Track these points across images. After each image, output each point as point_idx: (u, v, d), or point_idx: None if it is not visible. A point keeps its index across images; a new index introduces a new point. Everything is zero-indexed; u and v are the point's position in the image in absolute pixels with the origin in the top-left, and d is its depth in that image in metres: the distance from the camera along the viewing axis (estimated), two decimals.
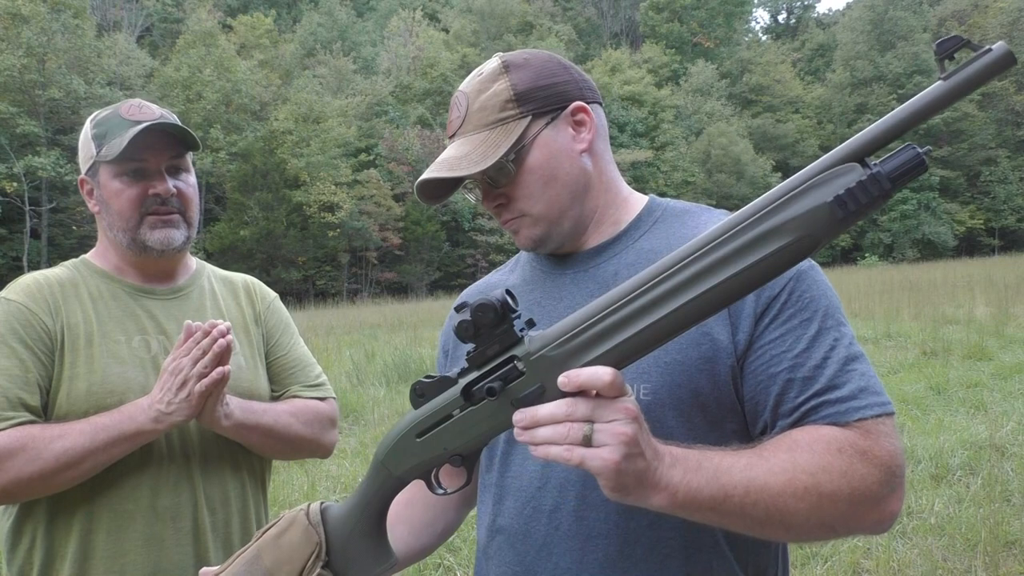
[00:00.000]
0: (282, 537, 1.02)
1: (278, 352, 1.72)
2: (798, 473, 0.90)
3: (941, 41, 0.75)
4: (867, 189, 0.77)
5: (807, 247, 0.79)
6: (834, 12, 78.27)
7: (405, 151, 40.06)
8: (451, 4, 60.43)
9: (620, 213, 1.18)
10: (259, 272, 33.99)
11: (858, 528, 0.95)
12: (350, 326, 18.27)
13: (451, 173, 1.07)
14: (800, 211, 0.79)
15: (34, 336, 1.44)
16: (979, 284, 17.71)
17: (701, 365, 1.02)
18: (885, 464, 0.93)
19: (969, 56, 0.75)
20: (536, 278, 1.22)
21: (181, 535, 1.48)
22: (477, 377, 0.90)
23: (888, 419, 0.97)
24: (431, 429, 0.94)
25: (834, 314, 1.02)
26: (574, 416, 0.82)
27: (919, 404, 6.93)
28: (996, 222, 49.20)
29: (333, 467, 5.71)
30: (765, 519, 0.90)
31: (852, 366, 0.98)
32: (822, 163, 0.80)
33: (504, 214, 1.14)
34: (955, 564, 3.70)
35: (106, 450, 1.38)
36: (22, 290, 1.49)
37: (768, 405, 1.00)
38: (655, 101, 50.58)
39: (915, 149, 0.77)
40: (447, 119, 1.17)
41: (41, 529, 1.45)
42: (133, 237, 1.53)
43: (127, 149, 1.47)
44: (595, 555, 1.04)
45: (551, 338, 0.87)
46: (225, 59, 38.51)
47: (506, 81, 1.10)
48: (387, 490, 1.00)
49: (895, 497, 0.94)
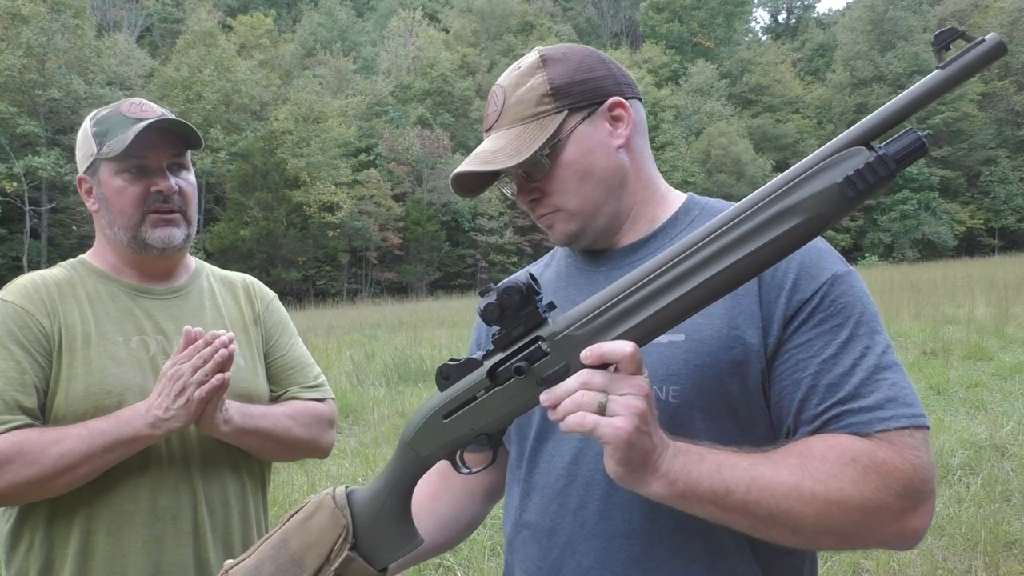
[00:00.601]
0: (309, 521, 1.03)
1: (277, 352, 1.71)
2: (805, 478, 0.89)
3: (938, 33, 0.79)
4: (875, 170, 0.81)
5: (818, 226, 0.83)
6: (834, 12, 78.30)
7: (405, 151, 40.07)
8: (451, 4, 60.45)
9: (657, 210, 1.16)
10: (259, 272, 34.00)
11: (874, 540, 0.92)
12: (350, 326, 18.25)
13: (485, 167, 1.08)
14: (812, 191, 0.82)
15: (31, 337, 1.44)
16: (979, 284, 17.70)
17: (732, 369, 1.00)
18: (906, 477, 0.89)
19: (964, 46, 0.79)
20: (571, 274, 1.22)
21: (181, 536, 1.48)
22: (503, 358, 0.92)
23: (918, 432, 0.92)
24: (458, 410, 0.96)
25: (868, 322, 0.98)
26: (590, 385, 0.85)
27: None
28: (996, 222, 49.19)
29: (333, 467, 5.70)
30: (769, 519, 0.89)
31: (883, 375, 0.95)
32: (831, 147, 0.84)
33: (539, 208, 1.14)
34: (955, 564, 3.70)
35: (103, 455, 1.37)
36: (19, 291, 1.48)
37: (791, 411, 0.98)
38: (655, 101, 50.58)
39: (916, 133, 0.81)
40: (484, 113, 1.18)
41: (40, 531, 1.44)
42: (134, 235, 1.52)
43: (131, 146, 1.46)
44: (619, 555, 1.03)
45: (575, 318, 0.89)
46: (225, 59, 38.53)
47: (543, 75, 1.10)
48: (413, 471, 1.01)
49: (919, 513, 0.90)
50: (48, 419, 1.43)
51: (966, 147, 49.23)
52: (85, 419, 1.41)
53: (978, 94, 49.52)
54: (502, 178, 1.17)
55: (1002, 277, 18.49)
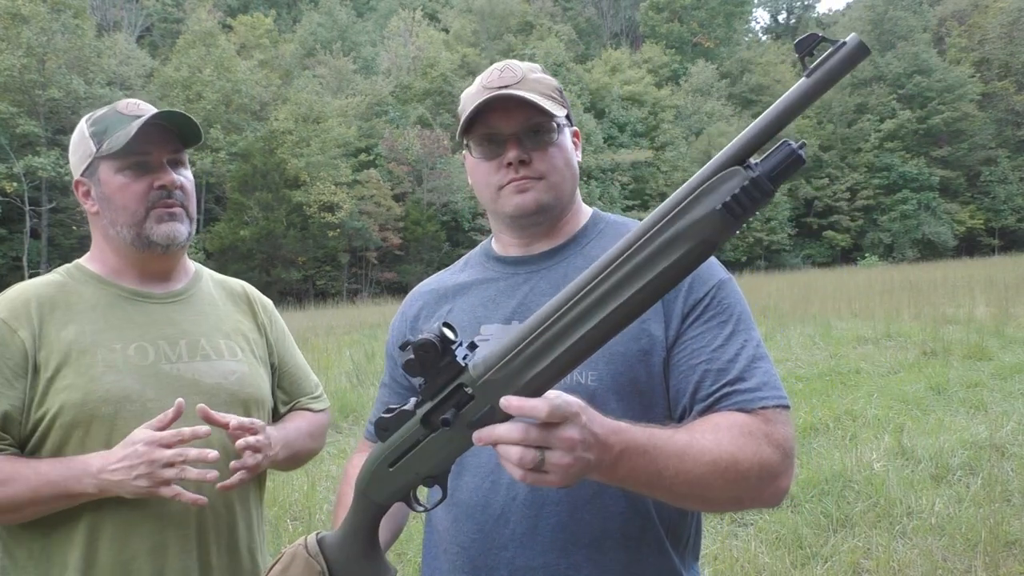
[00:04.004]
0: (287, 571, 1.13)
1: (285, 361, 1.75)
2: (721, 453, 1.04)
3: (799, 40, 0.80)
4: (750, 193, 0.82)
5: (707, 250, 0.86)
6: (834, 12, 78.24)
7: (405, 151, 40.03)
8: (451, 4, 60.38)
9: (573, 222, 1.35)
10: (259, 272, 34.00)
11: (759, 500, 1.10)
12: (350, 326, 18.25)
13: (537, 100, 1.21)
14: (696, 218, 0.85)
15: (6, 355, 1.40)
16: (979, 284, 17.70)
17: (640, 356, 1.19)
18: (783, 446, 1.09)
19: (827, 51, 0.79)
20: (489, 277, 1.35)
21: (186, 541, 1.46)
22: (432, 407, 0.97)
23: (784, 411, 1.14)
24: (400, 458, 1.02)
25: (746, 320, 1.20)
26: (527, 441, 0.90)
27: (919, 404, 6.93)
28: (996, 222, 49.18)
29: (333, 468, 5.71)
30: (688, 494, 1.04)
31: (758, 364, 1.15)
32: (710, 168, 0.86)
33: (524, 171, 1.25)
34: (955, 564, 3.70)
35: (47, 503, 1.36)
36: (6, 304, 1.45)
37: (687, 391, 1.16)
38: (655, 101, 50.58)
39: (790, 145, 0.82)
40: (490, 78, 1.28)
41: (38, 543, 1.43)
42: (138, 232, 1.50)
43: (134, 139, 1.45)
44: (548, 520, 1.18)
45: (492, 362, 0.93)
46: (225, 59, 38.49)
47: (551, 77, 1.30)
48: (373, 515, 1.10)
49: (787, 475, 1.10)
50: (40, 431, 1.41)
51: (966, 147, 49.22)
52: (83, 428, 1.40)
53: (978, 94, 49.52)
54: (495, 134, 1.26)
55: (1002, 277, 18.49)
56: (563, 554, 1.18)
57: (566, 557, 1.18)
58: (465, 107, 1.28)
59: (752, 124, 0.84)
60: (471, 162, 1.32)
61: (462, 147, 1.34)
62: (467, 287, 1.37)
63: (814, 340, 11.16)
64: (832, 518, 4.28)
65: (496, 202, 1.29)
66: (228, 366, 1.57)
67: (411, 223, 39.29)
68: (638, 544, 1.19)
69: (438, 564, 1.29)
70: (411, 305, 1.45)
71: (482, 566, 1.21)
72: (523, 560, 1.19)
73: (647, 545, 1.20)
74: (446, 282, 1.43)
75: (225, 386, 1.54)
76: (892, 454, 5.35)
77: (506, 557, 1.20)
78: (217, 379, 1.53)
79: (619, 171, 44.23)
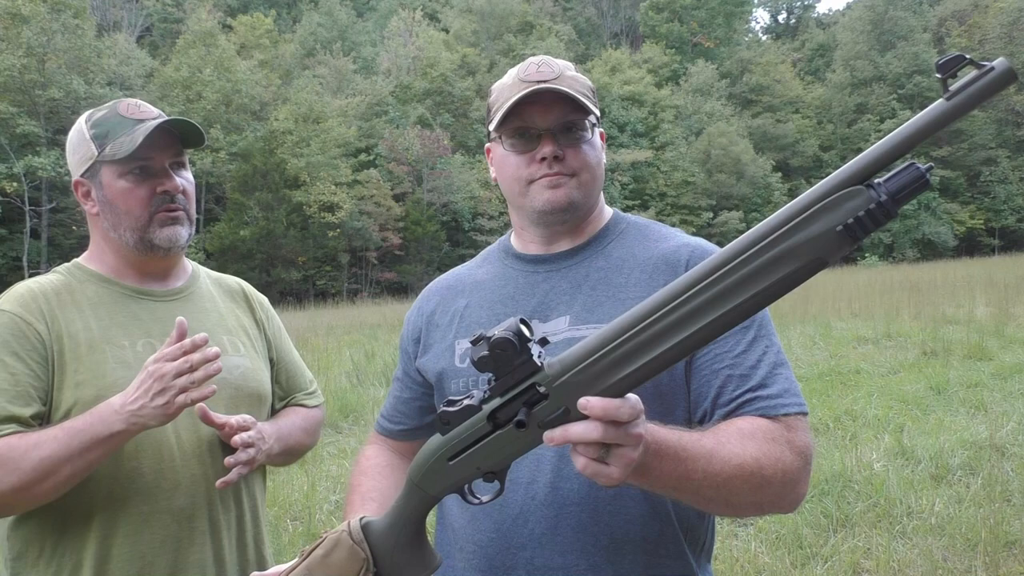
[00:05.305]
0: (329, 557, 1.09)
1: (282, 357, 1.77)
2: (747, 458, 1.04)
3: (943, 61, 0.74)
4: (874, 216, 0.79)
5: (819, 268, 0.84)
6: (834, 12, 78.23)
7: (405, 151, 40.02)
8: (451, 4, 60.38)
9: (595, 222, 1.35)
10: (259, 272, 34.01)
11: (778, 506, 1.11)
12: (350, 326, 18.25)
13: (578, 96, 1.22)
14: (812, 235, 0.81)
15: (27, 347, 1.41)
16: (979, 284, 17.69)
17: None
18: (804, 453, 1.10)
19: (972, 73, 0.74)
20: (508, 275, 1.35)
21: (198, 534, 1.49)
22: (501, 404, 0.95)
23: (804, 418, 1.15)
24: (462, 452, 1.00)
25: (767, 325, 1.21)
26: (607, 439, 0.89)
27: (919, 404, 6.93)
28: (996, 222, 49.16)
29: (333, 467, 5.71)
30: (714, 497, 1.05)
31: (779, 371, 1.17)
32: (829, 184, 0.82)
33: (558, 167, 1.25)
34: (955, 564, 3.70)
35: (82, 455, 1.32)
36: (15, 299, 1.46)
37: (709, 395, 1.17)
38: (655, 101, 50.55)
39: (918, 168, 0.78)
40: (527, 72, 1.27)
41: (50, 540, 1.43)
42: (141, 236, 1.52)
43: (141, 147, 1.45)
44: (569, 521, 1.18)
45: (572, 363, 0.91)
46: (225, 59, 38.51)
47: (585, 78, 1.30)
48: (423, 507, 1.08)
49: (805, 482, 1.12)
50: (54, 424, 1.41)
51: (966, 147, 49.19)
52: None
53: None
54: (529, 129, 1.25)
55: (1002, 277, 18.48)
56: (583, 555, 1.17)
57: (586, 558, 1.17)
58: (499, 98, 1.27)
59: (879, 142, 0.80)
60: (500, 154, 1.30)
61: (489, 138, 1.33)
62: (485, 283, 1.37)
63: (814, 340, 11.16)
64: (832, 518, 4.28)
65: (525, 196, 1.28)
66: (232, 361, 1.59)
67: (411, 223, 39.29)
68: (656, 546, 1.19)
69: (452, 562, 1.29)
70: (428, 300, 1.45)
71: (499, 565, 1.21)
72: (542, 560, 1.18)
73: (665, 547, 1.20)
74: (463, 277, 1.43)
75: (230, 381, 1.56)
76: (892, 454, 5.36)
77: (525, 556, 1.19)
78: (222, 374, 1.53)
79: (619, 171, 44.23)
